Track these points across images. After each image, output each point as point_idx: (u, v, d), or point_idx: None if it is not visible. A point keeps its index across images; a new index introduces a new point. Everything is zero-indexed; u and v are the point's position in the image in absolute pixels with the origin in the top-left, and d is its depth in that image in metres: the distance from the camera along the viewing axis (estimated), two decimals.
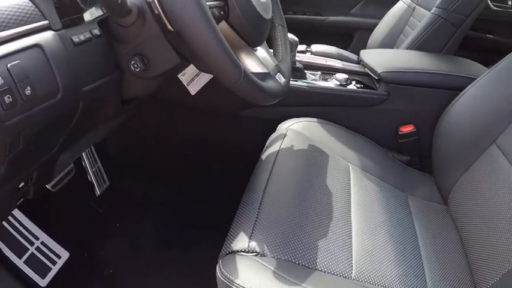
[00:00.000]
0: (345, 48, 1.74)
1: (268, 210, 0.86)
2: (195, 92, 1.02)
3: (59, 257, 1.30)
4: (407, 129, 1.29)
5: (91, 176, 1.49)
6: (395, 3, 2.18)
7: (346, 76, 1.36)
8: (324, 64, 1.49)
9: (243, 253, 0.77)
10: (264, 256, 0.77)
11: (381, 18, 2.20)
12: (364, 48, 2.19)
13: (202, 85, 1.02)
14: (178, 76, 1.03)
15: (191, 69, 1.05)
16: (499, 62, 1.09)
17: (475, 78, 1.14)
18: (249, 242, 0.79)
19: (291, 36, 1.23)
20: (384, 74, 1.28)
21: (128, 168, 1.59)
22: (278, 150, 1.06)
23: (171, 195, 1.55)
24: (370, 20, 2.34)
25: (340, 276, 0.80)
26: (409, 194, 1.15)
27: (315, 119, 1.27)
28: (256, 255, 0.77)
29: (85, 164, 1.47)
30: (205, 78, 1.03)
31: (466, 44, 1.78)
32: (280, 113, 1.30)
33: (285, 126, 1.20)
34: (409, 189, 1.17)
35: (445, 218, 1.09)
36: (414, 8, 2.06)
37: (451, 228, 1.05)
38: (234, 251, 0.78)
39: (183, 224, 1.47)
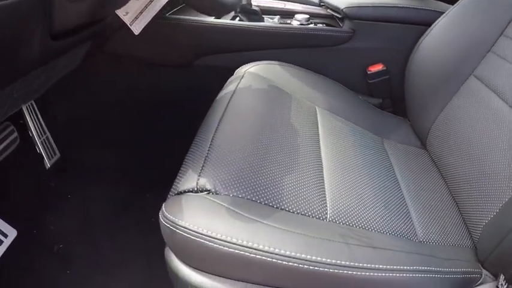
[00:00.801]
0: None
1: (221, 147, 0.75)
2: (138, 32, 0.89)
3: (5, 235, 1.16)
4: (376, 68, 1.19)
5: (39, 147, 1.35)
6: None
7: (306, 16, 1.25)
8: (282, 8, 1.37)
9: (190, 193, 0.66)
10: (217, 194, 0.66)
11: None
12: None
13: (146, 23, 0.89)
14: (120, 15, 0.89)
15: (134, 7, 0.92)
16: None
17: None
18: (198, 180, 0.67)
19: None
20: (347, 10, 1.17)
21: (79, 136, 1.45)
22: (234, 91, 0.95)
23: (124, 160, 1.42)
24: None
25: (312, 217, 0.71)
26: (385, 138, 1.06)
27: (276, 62, 1.16)
28: (207, 193, 0.66)
29: (32, 134, 1.33)
30: (149, 15, 0.90)
31: None
32: (237, 60, 1.17)
33: (243, 70, 1.08)
34: (384, 132, 1.08)
35: (426, 161, 1.01)
36: None
37: (433, 171, 0.97)
38: (181, 192, 0.67)
39: (139, 189, 1.36)
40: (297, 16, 1.25)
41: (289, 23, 1.26)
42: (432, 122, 1.02)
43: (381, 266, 0.60)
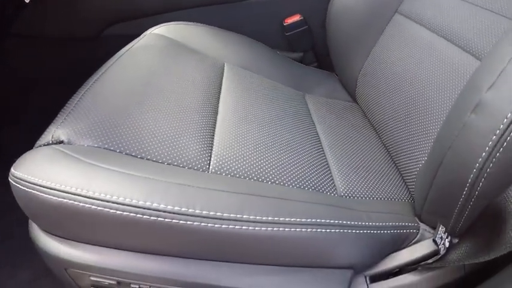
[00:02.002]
0: None
1: (91, 98, 0.63)
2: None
3: None
4: (293, 19, 1.05)
5: None
6: None
7: None
8: None
9: (43, 146, 0.56)
10: (70, 144, 0.56)
11: None
12: None
13: None
14: None
15: None
16: None
17: None
18: (54, 131, 0.57)
19: None
20: None
21: None
22: (128, 48, 0.81)
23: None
24: None
25: (189, 168, 0.58)
26: (307, 93, 0.93)
27: (184, 22, 1.01)
28: (59, 143, 0.56)
29: None
30: None
31: None
32: (149, 25, 1.01)
33: (147, 32, 0.94)
34: (307, 87, 0.96)
35: (355, 115, 0.90)
36: None
37: (364, 125, 0.86)
38: (36, 147, 0.57)
39: None
40: None
41: None
42: (359, 70, 0.91)
43: (274, 219, 0.47)
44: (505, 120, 0.40)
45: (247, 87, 0.81)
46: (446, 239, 0.54)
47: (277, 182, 0.60)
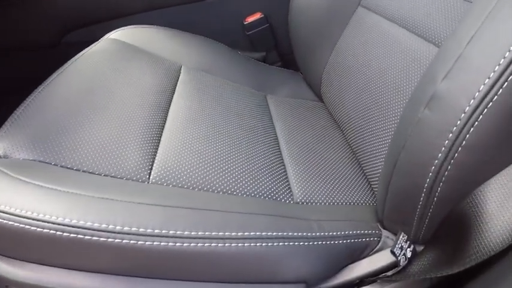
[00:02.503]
0: None
1: (34, 107, 0.60)
2: None
3: None
4: (254, 17, 1.00)
5: None
6: None
7: None
8: None
9: None
10: (6, 158, 0.53)
11: None
12: None
13: None
14: None
15: None
16: None
17: None
18: None
19: None
20: None
21: None
22: (78, 57, 0.76)
23: None
24: None
25: (127, 179, 0.53)
26: (269, 93, 0.87)
27: (142, 26, 0.95)
28: None
29: None
30: None
31: None
32: (110, 30, 0.95)
33: (104, 37, 0.89)
34: (269, 88, 0.91)
35: (320, 115, 0.85)
36: None
37: (329, 125, 0.81)
38: None
39: None
40: None
41: None
42: (323, 67, 0.86)
43: (205, 233, 0.42)
44: (463, 114, 0.35)
45: (203, 91, 0.76)
46: (408, 248, 0.48)
47: (225, 191, 0.54)
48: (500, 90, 0.34)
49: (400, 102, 0.59)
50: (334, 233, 0.49)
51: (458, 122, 0.35)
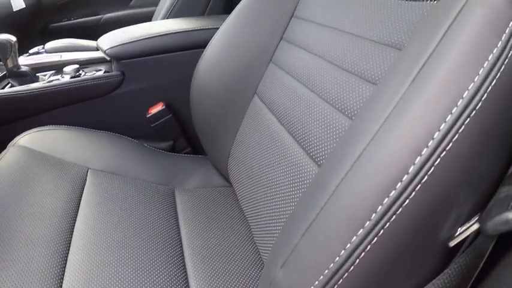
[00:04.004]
0: None
1: None
2: None
3: None
4: (156, 109, 1.04)
5: None
6: None
7: (76, 66, 1.08)
8: (58, 61, 1.19)
9: None
10: None
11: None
12: None
13: None
14: None
15: None
16: None
17: None
18: None
19: (4, 36, 0.97)
20: (110, 51, 1.02)
21: None
22: None
23: None
24: (150, 8, 2.09)
25: None
26: (178, 186, 0.90)
27: (48, 127, 0.97)
28: None
29: None
30: None
31: None
32: (14, 132, 0.97)
33: (10, 144, 0.90)
34: (178, 180, 0.93)
35: (227, 202, 0.87)
36: None
37: (235, 211, 0.83)
38: None
39: None
40: (66, 69, 1.08)
41: (60, 78, 1.08)
42: (228, 154, 0.89)
43: None
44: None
45: (109, 197, 0.77)
46: None
47: None
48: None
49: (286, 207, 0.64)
50: None
51: None
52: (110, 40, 1.07)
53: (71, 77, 1.07)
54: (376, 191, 0.34)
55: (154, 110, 1.05)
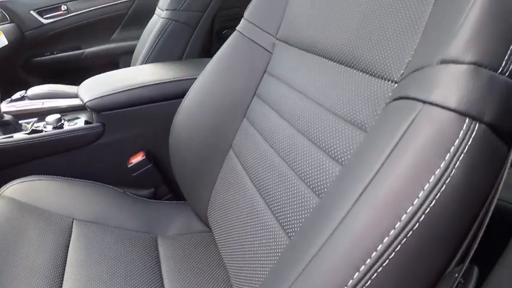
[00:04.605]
0: None
1: None
2: None
3: None
4: (136, 159, 1.08)
5: None
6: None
7: (57, 116, 1.11)
8: (40, 108, 1.22)
9: None
10: None
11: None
12: None
13: None
14: None
15: None
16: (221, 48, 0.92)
17: None
18: None
19: None
20: (90, 104, 1.05)
21: None
22: None
23: None
24: (131, 42, 2.13)
25: None
26: (160, 233, 0.94)
27: (32, 177, 1.00)
28: None
29: None
30: None
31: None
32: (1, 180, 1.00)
33: None
34: (160, 227, 0.96)
35: (208, 249, 0.91)
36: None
37: (215, 262, 0.86)
38: None
39: None
40: (48, 119, 1.11)
41: (42, 127, 1.11)
42: (207, 202, 0.92)
43: None
44: None
45: (94, 249, 0.81)
46: None
47: None
48: None
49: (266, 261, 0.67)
50: None
51: None
52: (90, 92, 1.10)
53: (53, 127, 1.10)
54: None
55: (134, 160, 1.09)
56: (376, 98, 0.53)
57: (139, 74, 1.18)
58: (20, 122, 1.17)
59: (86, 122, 1.12)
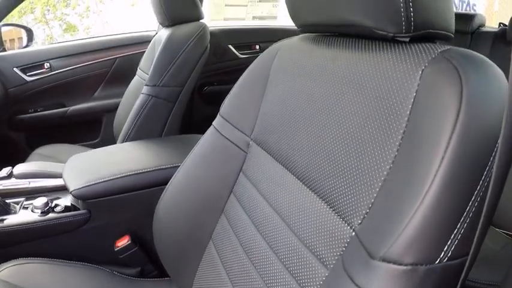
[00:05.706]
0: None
1: None
2: None
3: None
4: (122, 242, 1.13)
5: None
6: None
7: (45, 200, 1.16)
8: (27, 188, 1.27)
9: None
10: None
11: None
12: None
13: None
14: None
15: None
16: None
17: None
18: None
19: None
20: (75, 193, 1.11)
21: None
22: None
23: None
24: (115, 99, 2.20)
25: None
26: None
27: (23, 260, 1.05)
28: None
29: None
30: None
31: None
32: None
33: None
34: None
35: None
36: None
37: None
38: None
39: None
40: (36, 203, 1.16)
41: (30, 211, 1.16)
42: (193, 275, 0.96)
43: None
44: None
45: None
46: None
47: None
48: None
49: None
50: None
51: None
52: (75, 180, 1.16)
53: (42, 212, 1.15)
54: None
55: (120, 244, 1.15)
56: (338, 240, 0.59)
57: (123, 158, 1.25)
58: (7, 201, 1.22)
59: (72, 205, 1.18)
